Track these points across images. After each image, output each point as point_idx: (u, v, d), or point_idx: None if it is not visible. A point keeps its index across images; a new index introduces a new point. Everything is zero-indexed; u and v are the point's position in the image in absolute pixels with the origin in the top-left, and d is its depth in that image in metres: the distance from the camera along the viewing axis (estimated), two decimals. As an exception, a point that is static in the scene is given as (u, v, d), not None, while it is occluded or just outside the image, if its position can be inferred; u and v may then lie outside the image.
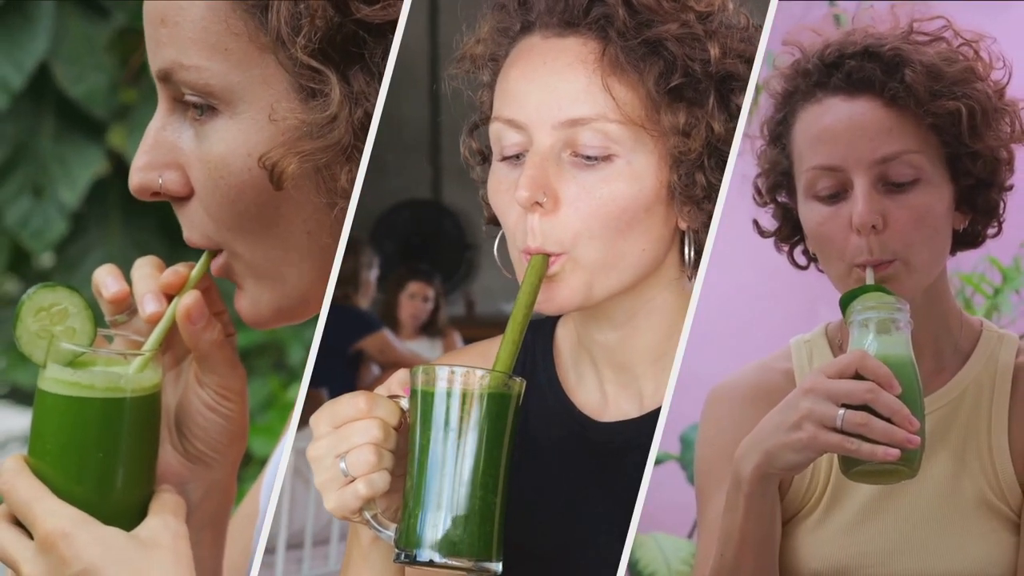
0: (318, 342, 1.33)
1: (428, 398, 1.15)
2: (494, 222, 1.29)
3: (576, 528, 1.28)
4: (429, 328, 4.25)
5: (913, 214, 1.38)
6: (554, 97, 1.22)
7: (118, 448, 1.23)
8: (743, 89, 1.24)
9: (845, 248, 1.39)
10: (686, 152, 1.22)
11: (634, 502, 1.24)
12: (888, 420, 1.24)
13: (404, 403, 1.16)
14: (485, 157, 1.30)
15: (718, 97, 1.23)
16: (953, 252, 1.47)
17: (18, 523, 1.22)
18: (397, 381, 1.18)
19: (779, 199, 1.49)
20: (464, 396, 1.14)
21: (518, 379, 1.16)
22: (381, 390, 1.18)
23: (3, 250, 4.08)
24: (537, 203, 1.21)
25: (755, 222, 1.53)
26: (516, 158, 1.24)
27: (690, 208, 1.24)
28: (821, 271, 1.47)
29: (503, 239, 1.28)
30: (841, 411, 1.24)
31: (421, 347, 4.11)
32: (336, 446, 1.14)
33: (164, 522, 1.23)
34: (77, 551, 1.18)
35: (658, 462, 2.54)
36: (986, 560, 1.41)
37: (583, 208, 1.21)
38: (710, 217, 1.24)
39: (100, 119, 3.90)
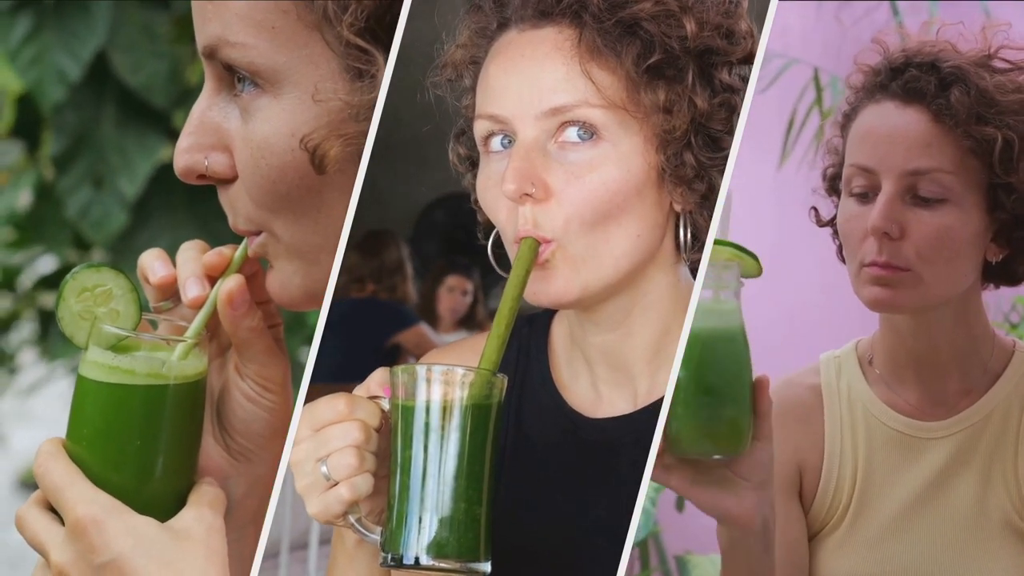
0: (318, 340, 1.30)
1: (409, 398, 1.13)
2: (488, 225, 1.27)
3: (569, 527, 1.25)
4: (468, 322, 4.23)
5: (934, 231, 1.38)
6: (535, 88, 1.20)
7: (158, 437, 1.19)
8: (725, 64, 1.22)
9: (859, 248, 1.39)
10: (670, 131, 1.19)
11: (632, 500, 1.21)
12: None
13: (385, 404, 1.14)
14: (474, 163, 1.28)
15: (698, 72, 1.21)
16: (997, 285, 1.47)
17: (52, 509, 1.19)
18: (376, 381, 1.16)
19: (839, 191, 1.49)
20: (445, 397, 1.12)
21: (500, 376, 1.14)
22: (360, 391, 1.16)
23: (66, 241, 4.07)
24: (527, 194, 1.19)
25: (814, 209, 1.52)
26: (502, 152, 1.22)
27: (682, 189, 1.21)
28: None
29: (497, 239, 1.26)
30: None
31: (459, 341, 4.09)
32: (316, 450, 1.12)
33: (199, 514, 1.20)
34: (107, 539, 1.15)
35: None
36: None
37: (573, 195, 1.19)
38: (703, 198, 1.22)
39: (160, 108, 3.85)
